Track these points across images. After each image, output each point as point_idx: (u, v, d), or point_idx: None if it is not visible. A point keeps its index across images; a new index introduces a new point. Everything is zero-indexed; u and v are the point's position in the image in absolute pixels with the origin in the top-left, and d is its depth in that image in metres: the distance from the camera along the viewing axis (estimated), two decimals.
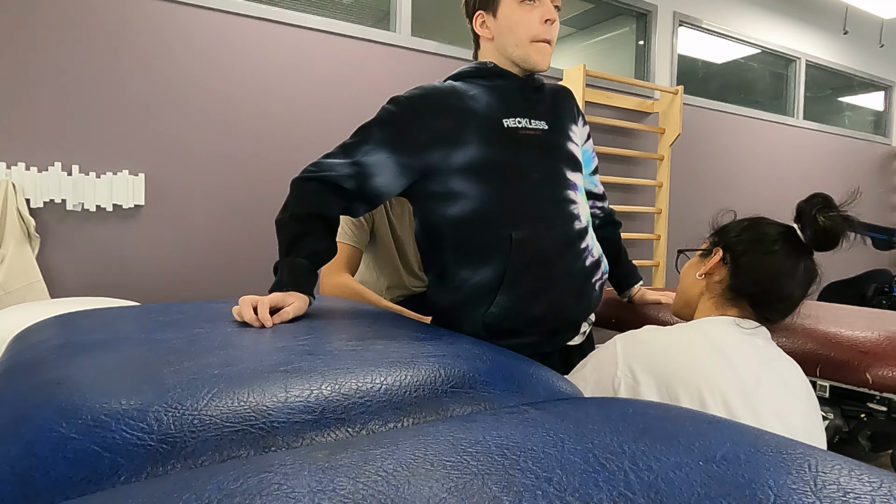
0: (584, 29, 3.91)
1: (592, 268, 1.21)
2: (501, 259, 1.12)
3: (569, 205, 1.19)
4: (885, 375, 1.01)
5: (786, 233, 1.01)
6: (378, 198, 1.14)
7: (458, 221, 1.14)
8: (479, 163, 1.13)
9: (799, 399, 0.92)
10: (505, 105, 1.17)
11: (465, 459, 0.45)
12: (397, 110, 1.14)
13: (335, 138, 1.21)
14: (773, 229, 1.02)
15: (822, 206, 0.97)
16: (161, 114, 2.24)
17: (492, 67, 1.20)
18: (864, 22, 4.79)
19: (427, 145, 1.12)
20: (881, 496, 0.41)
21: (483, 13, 1.19)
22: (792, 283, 0.99)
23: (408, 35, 2.78)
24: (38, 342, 0.77)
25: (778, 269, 0.99)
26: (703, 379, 0.87)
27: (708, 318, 1.02)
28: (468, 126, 1.13)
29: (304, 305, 0.99)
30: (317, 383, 0.60)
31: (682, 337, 0.96)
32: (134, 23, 2.18)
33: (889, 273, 3.91)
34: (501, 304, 1.12)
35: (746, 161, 4.28)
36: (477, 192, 1.13)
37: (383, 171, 1.11)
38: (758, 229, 1.03)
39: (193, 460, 0.50)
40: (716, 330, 0.97)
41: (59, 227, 2.08)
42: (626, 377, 0.93)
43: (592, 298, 1.23)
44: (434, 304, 1.24)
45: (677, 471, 0.44)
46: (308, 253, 1.05)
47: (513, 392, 0.69)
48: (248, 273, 2.42)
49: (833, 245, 0.97)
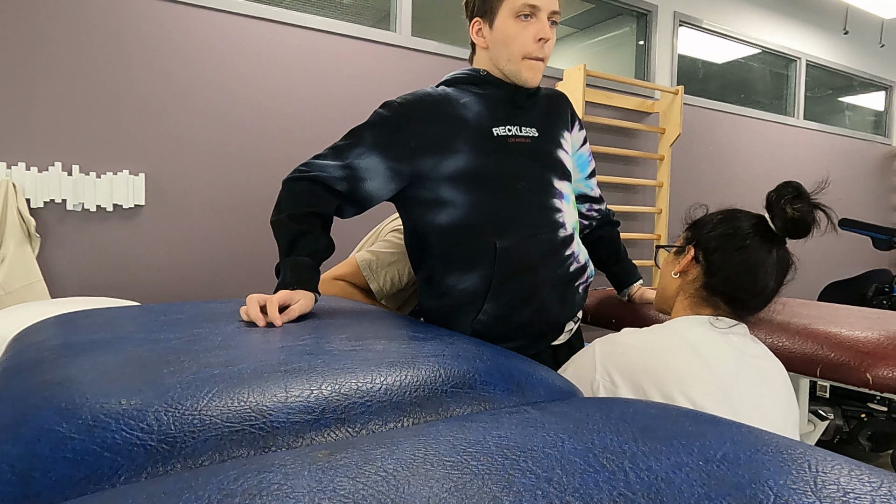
0: (585, 29, 3.91)
1: (576, 273, 1.23)
2: (487, 267, 1.13)
3: (554, 213, 1.20)
4: (886, 376, 1.01)
5: (757, 224, 1.00)
6: (368, 202, 1.15)
7: (445, 229, 1.15)
8: (467, 172, 1.13)
9: (777, 394, 0.93)
10: (495, 113, 1.18)
11: (465, 459, 0.45)
12: (390, 115, 1.14)
13: (335, 138, 1.21)
14: (745, 223, 1.01)
15: (792, 196, 0.97)
16: (161, 114, 2.24)
17: (484, 76, 1.20)
18: (864, 22, 4.78)
19: (418, 152, 1.13)
20: (881, 496, 0.41)
21: (480, 21, 1.19)
22: (765, 276, 0.99)
23: (408, 35, 2.78)
24: (38, 342, 0.77)
25: (750, 263, 0.98)
26: (676, 380, 0.88)
27: (682, 319, 1.02)
28: (459, 134, 1.14)
29: (310, 303, 0.99)
30: (317, 383, 0.60)
31: (657, 339, 0.96)
32: (134, 23, 2.18)
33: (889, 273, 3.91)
34: (489, 311, 1.15)
35: (747, 161, 4.28)
36: (464, 200, 1.13)
37: (374, 176, 1.12)
38: (729, 223, 1.02)
39: (193, 460, 0.50)
40: (690, 330, 0.97)
41: (59, 227, 2.08)
42: (605, 380, 0.94)
43: (576, 301, 1.25)
44: (424, 307, 1.26)
45: (677, 471, 0.44)
46: (309, 251, 1.05)
47: (513, 392, 0.69)
48: (249, 273, 2.42)
49: (804, 234, 0.96)
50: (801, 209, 0.95)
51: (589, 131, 3.45)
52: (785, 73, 4.64)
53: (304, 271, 1.02)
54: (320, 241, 1.08)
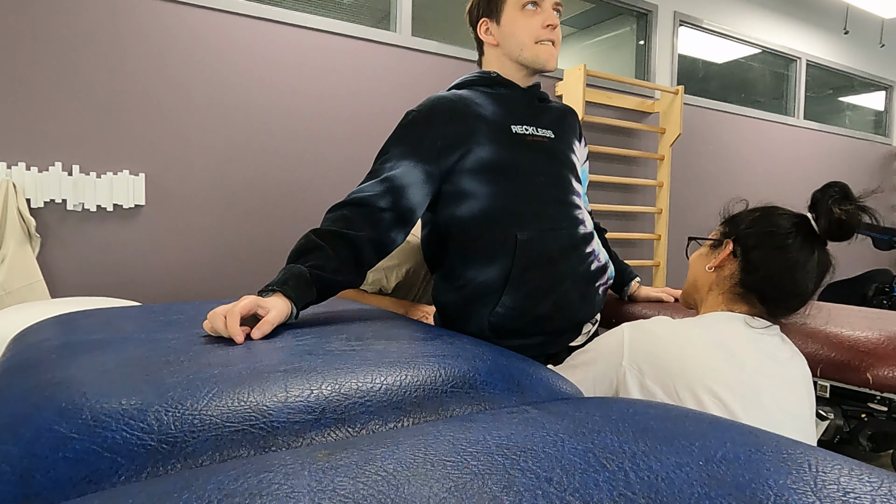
0: (585, 29, 3.91)
1: (598, 272, 1.23)
2: (507, 259, 1.13)
3: (574, 209, 1.21)
4: (886, 375, 1.00)
5: (799, 223, 0.97)
6: (412, 213, 1.10)
7: (466, 221, 1.15)
8: (488, 163, 1.15)
9: (804, 400, 0.92)
10: (511, 113, 1.20)
11: (465, 459, 0.45)
12: (412, 123, 1.15)
13: (335, 138, 1.22)
14: (786, 220, 0.98)
15: (839, 197, 0.94)
16: (161, 114, 2.24)
17: (495, 77, 1.22)
18: (864, 22, 4.78)
19: (444, 151, 1.14)
20: (881, 496, 0.41)
21: (487, 20, 1.22)
22: (805, 278, 0.95)
23: (408, 35, 2.78)
24: (38, 342, 0.77)
25: (791, 263, 0.95)
26: (706, 378, 0.86)
27: (717, 315, 0.99)
28: (479, 130, 1.16)
29: (285, 309, 0.85)
30: (317, 383, 0.60)
31: (691, 333, 0.93)
32: (134, 23, 2.18)
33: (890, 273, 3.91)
34: (507, 303, 1.13)
35: (747, 161, 4.28)
36: (485, 192, 1.14)
37: (412, 183, 1.09)
38: (770, 220, 0.99)
39: (193, 460, 0.50)
40: (725, 327, 0.95)
41: (59, 227, 2.08)
42: (632, 368, 0.92)
43: (596, 301, 1.24)
44: (439, 303, 1.25)
45: (677, 471, 0.44)
46: (313, 264, 0.93)
47: (513, 392, 0.69)
48: (249, 273, 2.42)
49: (848, 236, 0.93)
50: (847, 210, 0.92)
51: (589, 131, 3.45)
52: (785, 73, 4.64)
53: (290, 276, 0.89)
54: (330, 262, 0.95)
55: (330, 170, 2.54)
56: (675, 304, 1.43)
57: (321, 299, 0.96)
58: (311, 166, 2.50)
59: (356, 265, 1.00)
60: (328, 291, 0.96)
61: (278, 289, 0.87)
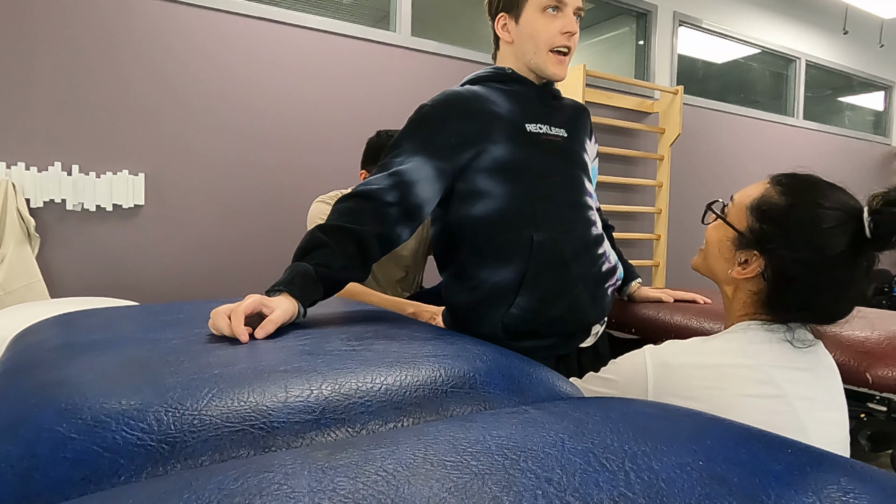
0: (585, 29, 3.91)
1: (608, 274, 1.23)
2: (522, 260, 1.12)
3: (586, 210, 1.21)
4: (885, 375, 1.00)
5: (854, 233, 0.80)
6: (420, 209, 1.08)
7: (480, 221, 1.14)
8: (504, 163, 1.14)
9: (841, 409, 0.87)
10: (525, 111, 1.19)
11: (465, 459, 0.45)
12: (425, 118, 1.14)
13: (335, 138, 1.21)
14: (837, 232, 0.79)
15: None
16: (161, 114, 2.24)
17: (510, 73, 1.21)
18: (864, 22, 4.79)
19: (458, 148, 1.12)
20: (881, 496, 0.41)
21: (506, 16, 1.20)
22: (854, 295, 0.83)
23: (408, 35, 2.78)
24: (38, 342, 0.77)
25: (837, 281, 0.81)
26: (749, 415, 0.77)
27: (751, 331, 0.86)
28: (494, 127, 1.15)
29: (290, 309, 0.85)
30: (317, 383, 0.60)
31: (728, 370, 0.82)
32: (134, 23, 2.18)
33: (889, 273, 3.91)
34: (521, 305, 1.13)
35: (746, 161, 4.28)
36: (501, 191, 1.13)
37: (422, 179, 1.08)
38: (815, 239, 0.80)
39: (193, 460, 0.50)
40: (768, 357, 0.82)
41: (59, 227, 2.08)
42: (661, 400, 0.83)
43: (605, 302, 1.25)
44: (450, 303, 1.24)
45: (678, 471, 0.44)
46: (318, 262, 0.93)
47: (513, 392, 0.69)
48: (248, 273, 2.42)
49: None
50: None
51: None
52: (784, 73, 4.64)
53: (296, 275, 0.90)
54: (336, 259, 0.95)
55: (329, 169, 2.54)
56: (675, 304, 1.43)
57: (328, 296, 0.96)
58: (311, 166, 2.50)
59: (362, 260, 1.00)
60: (335, 288, 0.96)
61: (284, 288, 0.87)
